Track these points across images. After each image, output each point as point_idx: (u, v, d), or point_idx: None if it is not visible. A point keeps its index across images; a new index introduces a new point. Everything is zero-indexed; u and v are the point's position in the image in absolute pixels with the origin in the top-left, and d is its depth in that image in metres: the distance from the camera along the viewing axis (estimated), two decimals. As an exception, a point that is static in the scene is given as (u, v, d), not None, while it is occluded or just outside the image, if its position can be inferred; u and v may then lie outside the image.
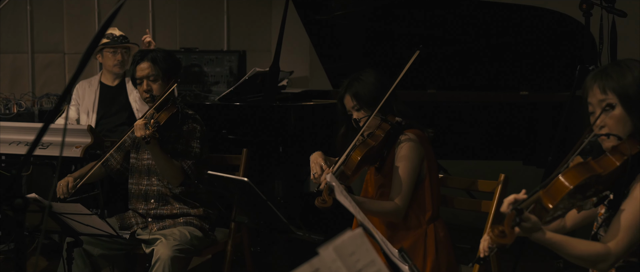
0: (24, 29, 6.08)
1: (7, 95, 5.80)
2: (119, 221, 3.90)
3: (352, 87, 3.31)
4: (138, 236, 3.82)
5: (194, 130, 3.83)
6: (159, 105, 3.75)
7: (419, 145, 3.29)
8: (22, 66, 6.10)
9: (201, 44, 6.75)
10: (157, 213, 3.87)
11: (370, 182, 3.45)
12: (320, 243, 1.73)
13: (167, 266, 3.56)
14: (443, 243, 3.34)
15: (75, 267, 3.61)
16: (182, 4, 7.11)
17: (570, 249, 2.30)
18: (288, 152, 4.65)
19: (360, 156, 3.13)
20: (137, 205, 3.94)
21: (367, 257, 1.86)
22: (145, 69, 3.84)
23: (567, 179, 2.23)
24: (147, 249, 3.74)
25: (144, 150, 3.90)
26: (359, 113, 3.30)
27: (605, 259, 2.30)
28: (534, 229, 2.22)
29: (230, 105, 4.82)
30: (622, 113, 2.39)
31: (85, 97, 5.29)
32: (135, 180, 3.95)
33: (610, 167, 2.32)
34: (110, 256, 3.83)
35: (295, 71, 6.73)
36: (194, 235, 3.77)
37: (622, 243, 2.30)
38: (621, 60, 2.46)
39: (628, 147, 2.35)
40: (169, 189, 3.85)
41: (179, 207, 3.87)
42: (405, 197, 3.24)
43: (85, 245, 3.65)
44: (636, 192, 2.33)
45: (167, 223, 3.84)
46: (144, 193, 3.92)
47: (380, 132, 3.23)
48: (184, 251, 3.67)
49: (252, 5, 7.58)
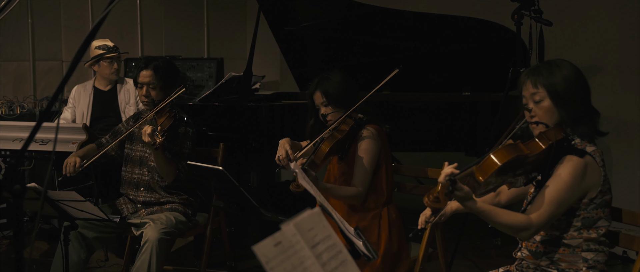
0: (26, 39, 6.04)
1: (11, 98, 5.78)
2: (111, 207, 3.90)
3: (322, 85, 3.34)
4: (128, 220, 3.82)
5: (187, 133, 3.82)
6: (160, 110, 3.74)
7: (378, 138, 3.33)
8: (24, 72, 6.06)
9: (184, 52, 6.75)
10: (145, 200, 3.88)
11: (332, 170, 3.48)
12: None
13: (155, 247, 3.57)
14: (395, 223, 3.38)
15: (71, 249, 3.60)
16: (167, 16, 7.08)
17: (497, 218, 2.34)
18: (260, 146, 4.66)
19: (329, 147, 3.17)
20: (128, 191, 3.94)
21: (324, 233, 1.90)
22: (147, 76, 3.80)
23: (497, 157, 2.27)
24: (137, 232, 3.74)
25: (138, 142, 3.90)
26: (327, 109, 3.33)
27: (527, 228, 2.34)
28: (466, 198, 2.25)
29: (209, 105, 4.83)
30: (550, 105, 2.44)
31: (81, 100, 5.28)
32: (129, 168, 3.94)
33: (537, 150, 2.37)
34: (103, 238, 3.83)
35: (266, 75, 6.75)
36: (179, 219, 3.78)
37: (543, 215, 2.34)
38: (553, 60, 2.51)
39: (554, 134, 2.40)
40: (158, 181, 3.86)
41: (165, 195, 3.86)
42: (365, 183, 3.28)
43: (80, 229, 3.64)
44: (559, 171, 2.37)
45: (155, 209, 3.85)
46: (135, 181, 3.91)
47: (345, 127, 3.25)
48: (169, 233, 3.67)
49: (229, 18, 7.57)
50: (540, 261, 2.49)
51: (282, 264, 1.67)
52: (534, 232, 2.38)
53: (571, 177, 2.35)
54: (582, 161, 2.37)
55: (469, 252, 4.97)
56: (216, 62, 6.32)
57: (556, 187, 2.35)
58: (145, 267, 3.55)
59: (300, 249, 1.75)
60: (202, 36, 7.39)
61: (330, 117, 3.32)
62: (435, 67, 5.35)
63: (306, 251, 1.77)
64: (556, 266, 2.46)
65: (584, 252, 2.43)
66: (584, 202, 2.41)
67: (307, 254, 1.77)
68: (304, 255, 1.75)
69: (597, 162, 2.41)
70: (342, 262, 1.89)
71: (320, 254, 1.81)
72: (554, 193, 2.35)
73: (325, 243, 1.87)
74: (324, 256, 1.83)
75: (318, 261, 1.79)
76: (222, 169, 2.99)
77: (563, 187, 2.35)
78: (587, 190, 2.39)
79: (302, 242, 1.78)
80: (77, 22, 6.36)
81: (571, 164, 2.37)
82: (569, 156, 2.39)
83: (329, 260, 1.84)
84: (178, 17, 7.19)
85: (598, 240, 2.44)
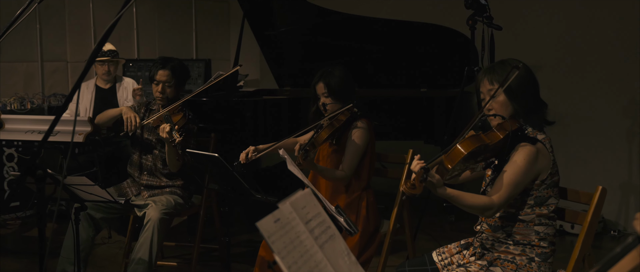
0: (34, 42, 5.94)
1: (22, 94, 5.71)
2: (117, 190, 3.85)
3: (326, 78, 3.31)
4: (132, 202, 3.77)
5: (192, 130, 3.75)
6: (174, 108, 3.67)
7: (368, 131, 3.33)
8: (33, 72, 5.96)
9: (175, 54, 6.57)
10: (148, 184, 3.83)
11: (322, 152, 3.47)
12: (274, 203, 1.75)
13: (156, 226, 3.53)
14: (372, 205, 3.37)
15: (81, 228, 3.56)
16: (160, 22, 7.03)
17: (464, 201, 2.34)
18: (245, 136, 4.64)
19: (328, 134, 3.18)
20: (133, 171, 3.89)
21: (315, 210, 1.89)
22: (164, 75, 3.74)
23: (463, 146, 2.28)
24: (140, 213, 3.69)
25: (146, 131, 3.84)
26: (327, 99, 3.30)
27: (490, 208, 2.35)
28: (438, 185, 2.26)
29: (199, 100, 4.79)
30: (505, 99, 2.45)
31: (84, 97, 5.21)
32: (137, 151, 3.88)
33: (495, 139, 2.37)
34: (109, 218, 3.78)
35: (249, 75, 6.73)
36: (177, 201, 3.74)
37: (503, 196, 2.34)
38: (506, 60, 2.49)
39: (509, 125, 2.41)
40: (160, 168, 3.81)
41: (166, 181, 3.82)
42: (352, 168, 3.27)
43: (89, 210, 3.61)
44: (515, 158, 2.38)
45: (156, 192, 3.80)
46: (140, 164, 3.86)
47: (343, 117, 3.25)
48: (169, 213, 3.64)
49: (214, 24, 7.55)
50: (498, 234, 2.50)
51: (281, 239, 1.65)
52: (496, 211, 2.38)
53: (525, 162, 2.36)
54: (534, 148, 2.38)
55: (428, 227, 5.03)
56: (204, 63, 6.27)
57: (513, 172, 2.36)
58: (148, 243, 3.52)
59: (296, 225, 1.74)
60: (190, 39, 7.35)
61: (330, 107, 3.31)
62: (397, 67, 5.36)
63: (301, 227, 1.76)
64: (512, 238, 2.47)
65: (536, 226, 2.44)
66: (536, 184, 2.41)
67: (302, 229, 1.75)
68: (300, 230, 1.74)
69: (547, 148, 2.42)
70: (331, 236, 1.88)
71: (312, 229, 1.80)
72: (512, 177, 2.35)
73: (317, 220, 1.86)
74: (315, 230, 1.82)
75: (311, 235, 1.78)
76: (218, 155, 2.97)
77: (519, 171, 2.35)
78: (539, 173, 2.40)
79: (297, 219, 1.76)
80: (80, 27, 6.29)
81: (525, 150, 2.37)
82: (523, 143, 2.39)
83: (320, 234, 1.83)
84: (169, 22, 7.15)
85: (548, 215, 2.45)
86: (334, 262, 1.80)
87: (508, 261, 2.46)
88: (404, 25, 5.14)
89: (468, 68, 4.22)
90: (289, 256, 1.63)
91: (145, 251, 3.51)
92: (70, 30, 6.22)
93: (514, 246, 2.46)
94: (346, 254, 1.91)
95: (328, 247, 1.83)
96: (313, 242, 1.76)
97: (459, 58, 4.93)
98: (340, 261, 1.85)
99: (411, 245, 3.58)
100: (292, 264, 1.62)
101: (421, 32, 5.13)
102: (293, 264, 1.62)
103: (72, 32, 6.23)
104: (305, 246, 1.72)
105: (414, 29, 5.13)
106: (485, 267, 2.46)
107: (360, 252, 3.27)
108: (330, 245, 1.85)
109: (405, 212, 3.49)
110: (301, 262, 1.67)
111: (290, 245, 1.66)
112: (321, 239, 1.82)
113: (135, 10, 6.77)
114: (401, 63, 5.32)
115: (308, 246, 1.73)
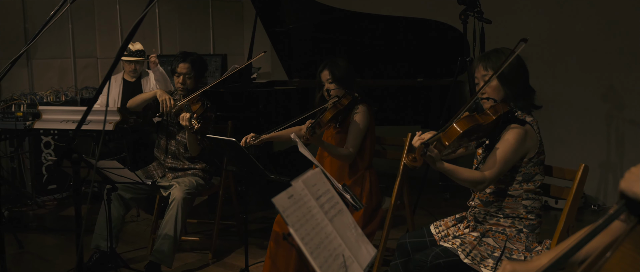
0: (67, 41, 5.94)
1: (57, 88, 5.73)
2: (144, 173, 3.86)
3: (330, 66, 3.33)
4: (158, 183, 3.79)
5: (210, 118, 3.72)
6: (193, 98, 3.67)
7: (368, 115, 3.33)
8: (67, 68, 5.97)
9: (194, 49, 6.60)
10: (172, 166, 3.84)
11: (328, 133, 3.47)
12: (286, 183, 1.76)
13: (180, 204, 3.55)
14: (374, 184, 3.36)
15: (112, 207, 3.56)
16: (180, 21, 7.02)
17: (459, 175, 2.34)
18: (259, 122, 4.65)
19: (332, 115, 3.18)
20: (159, 154, 3.90)
21: (325, 187, 1.90)
22: (184, 68, 3.74)
23: (459, 125, 2.27)
24: (165, 193, 3.70)
25: (170, 120, 3.85)
26: (331, 85, 3.32)
27: (482, 182, 2.35)
28: (436, 159, 2.25)
29: (217, 91, 4.80)
30: (497, 84, 2.44)
31: (113, 89, 5.22)
32: (163, 137, 3.89)
33: (488, 120, 2.37)
34: (138, 198, 3.78)
35: (262, 67, 6.72)
36: (199, 182, 3.75)
37: (494, 172, 2.34)
38: (500, 48, 2.49)
39: (501, 107, 2.41)
40: (183, 152, 3.82)
41: (188, 164, 3.83)
42: (356, 146, 3.28)
43: (119, 191, 3.62)
44: (506, 137, 2.37)
45: (180, 174, 3.81)
46: (165, 148, 3.87)
47: (345, 101, 3.26)
48: (191, 193, 3.65)
49: (229, 22, 7.54)
50: (489, 208, 2.50)
51: (295, 213, 1.66)
52: (487, 185, 2.38)
53: (515, 141, 2.35)
54: (523, 129, 2.38)
55: (425, 204, 5.03)
56: (221, 58, 6.26)
57: (504, 150, 2.35)
58: (172, 220, 3.54)
59: (308, 201, 1.75)
60: (208, 36, 7.34)
61: (333, 93, 3.33)
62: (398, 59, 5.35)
63: (312, 202, 1.77)
64: (502, 212, 2.47)
65: (524, 201, 2.44)
66: (524, 161, 2.41)
67: (313, 204, 1.76)
68: (311, 205, 1.75)
69: (534, 129, 2.42)
70: (340, 211, 1.89)
71: (322, 204, 1.81)
72: (502, 154, 2.35)
73: (326, 196, 1.87)
74: (325, 205, 1.82)
75: (322, 209, 1.79)
76: (235, 140, 2.97)
77: (509, 149, 2.35)
78: (527, 151, 2.40)
79: (309, 195, 1.77)
80: (108, 26, 6.28)
81: (515, 131, 2.37)
82: (513, 124, 2.39)
83: (330, 209, 1.84)
84: (189, 21, 7.14)
85: (534, 191, 2.45)
86: (343, 234, 1.81)
87: (499, 232, 2.46)
88: (402, 20, 5.13)
89: (461, 59, 4.22)
90: (302, 228, 1.64)
91: (171, 228, 3.53)
92: (99, 29, 6.22)
93: (504, 219, 2.47)
94: (353, 227, 1.92)
95: (337, 220, 1.84)
96: (323, 216, 1.77)
97: (453, 50, 4.92)
98: (348, 232, 1.86)
99: (411, 219, 3.59)
100: (305, 235, 1.63)
101: (418, 26, 5.12)
102: (306, 236, 1.63)
103: (101, 31, 6.23)
104: (316, 219, 1.73)
105: (412, 24, 5.12)
106: (479, 238, 2.47)
107: (364, 225, 3.28)
108: (339, 218, 1.86)
109: (405, 189, 3.49)
110: (313, 233, 1.68)
111: (303, 218, 1.67)
112: (330, 213, 1.83)
113: (158, 11, 6.76)
114: (400, 55, 5.31)
115: (319, 219, 1.74)
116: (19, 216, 4.77)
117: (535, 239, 2.47)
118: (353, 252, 1.78)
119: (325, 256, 1.65)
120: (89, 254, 3.74)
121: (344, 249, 1.75)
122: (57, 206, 5.29)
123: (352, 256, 1.77)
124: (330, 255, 1.68)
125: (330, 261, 1.66)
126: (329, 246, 1.70)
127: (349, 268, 1.72)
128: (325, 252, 1.67)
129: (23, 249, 4.14)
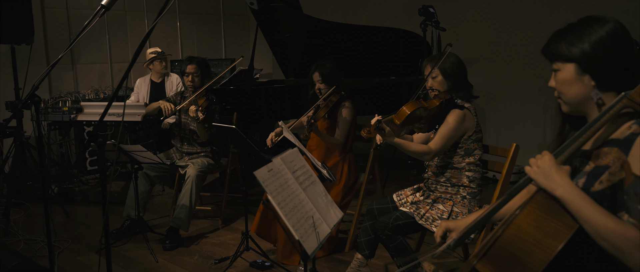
0: (105, 48, 5.94)
1: (97, 88, 5.72)
2: (166, 156, 3.87)
3: (320, 68, 3.30)
4: (176, 164, 3.80)
5: (214, 109, 3.74)
6: (200, 94, 3.67)
7: (353, 109, 3.33)
8: (104, 71, 5.96)
9: (210, 55, 6.70)
10: (187, 151, 3.84)
11: (319, 124, 3.45)
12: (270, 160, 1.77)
13: (194, 181, 3.56)
14: (352, 163, 3.37)
15: (140, 183, 3.59)
16: (198, 31, 6.99)
17: (408, 148, 2.35)
18: (260, 116, 4.65)
19: (325, 111, 3.19)
20: (176, 142, 3.90)
21: (300, 163, 1.91)
22: (192, 68, 3.73)
23: (407, 107, 2.31)
24: (182, 171, 3.72)
25: (184, 113, 3.84)
26: (322, 85, 3.30)
27: (428, 153, 2.37)
28: (388, 135, 2.28)
29: (226, 89, 4.79)
30: (442, 79, 2.46)
31: (142, 88, 5.21)
32: (178, 128, 3.89)
33: (433, 105, 2.40)
34: (160, 176, 3.79)
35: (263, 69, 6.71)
36: (210, 163, 3.76)
37: (438, 145, 2.38)
38: (444, 51, 2.51)
39: (443, 96, 2.44)
40: (196, 139, 3.82)
41: (200, 148, 3.83)
42: (344, 136, 3.28)
43: (145, 170, 3.64)
44: (447, 118, 2.41)
45: (194, 156, 3.81)
46: (180, 136, 3.87)
47: (334, 98, 3.25)
48: (203, 171, 3.66)
49: (238, 32, 7.51)
50: (439, 178, 2.52)
51: (273, 183, 1.68)
52: (433, 157, 2.41)
53: (455, 121, 2.38)
54: (462, 112, 2.40)
55: (396, 178, 5.05)
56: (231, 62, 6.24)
57: (446, 128, 2.39)
58: (188, 194, 3.55)
59: (285, 174, 1.76)
60: (220, 43, 7.31)
61: (323, 90, 3.31)
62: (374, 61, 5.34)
63: (288, 175, 1.78)
64: (449, 181, 2.49)
65: (467, 172, 2.46)
66: (464, 138, 2.43)
67: (289, 176, 1.78)
68: (287, 177, 1.77)
69: (472, 113, 2.44)
70: (313, 182, 1.91)
71: (298, 177, 1.83)
72: (444, 131, 2.38)
73: (301, 170, 1.89)
74: (300, 178, 1.84)
75: (296, 181, 1.80)
76: (235, 127, 2.98)
77: (450, 127, 2.38)
78: (466, 130, 2.42)
79: (286, 169, 1.79)
80: (138, 36, 6.26)
81: (455, 113, 2.40)
82: (453, 109, 2.41)
83: (304, 180, 1.85)
84: (204, 31, 7.11)
85: (475, 163, 2.47)
86: (314, 200, 1.83)
87: (446, 198, 2.48)
88: (377, 29, 5.10)
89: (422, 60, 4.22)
90: (278, 195, 1.66)
91: (187, 199, 3.55)
92: (131, 38, 6.21)
93: (451, 187, 2.49)
94: (325, 195, 1.94)
95: (310, 190, 1.85)
96: (298, 186, 1.79)
97: (416, 53, 4.92)
98: (319, 199, 1.87)
99: (381, 191, 3.60)
100: (281, 201, 1.65)
101: (389, 34, 5.09)
102: (281, 201, 1.65)
103: (132, 39, 6.22)
104: (291, 188, 1.75)
105: (385, 32, 5.10)
106: (431, 204, 2.49)
107: (344, 196, 3.29)
108: (312, 188, 1.88)
109: (377, 167, 3.51)
110: (288, 200, 1.70)
111: (279, 188, 1.69)
112: (304, 184, 1.84)
113: (179, 23, 6.73)
114: (376, 58, 5.30)
115: (294, 188, 1.76)
116: (66, 191, 4.78)
117: (477, 204, 2.49)
118: (322, 215, 1.80)
119: (298, 217, 1.67)
120: (121, 222, 3.76)
121: (315, 212, 1.77)
122: (97, 183, 5.31)
123: (321, 217, 1.79)
124: (302, 216, 1.70)
125: (302, 221, 1.68)
126: (302, 210, 1.72)
127: (319, 227, 1.74)
128: (298, 214, 1.69)
129: (69, 218, 4.16)
